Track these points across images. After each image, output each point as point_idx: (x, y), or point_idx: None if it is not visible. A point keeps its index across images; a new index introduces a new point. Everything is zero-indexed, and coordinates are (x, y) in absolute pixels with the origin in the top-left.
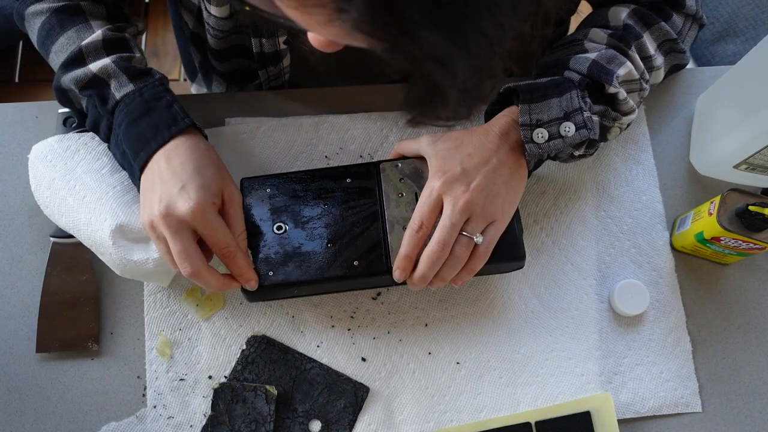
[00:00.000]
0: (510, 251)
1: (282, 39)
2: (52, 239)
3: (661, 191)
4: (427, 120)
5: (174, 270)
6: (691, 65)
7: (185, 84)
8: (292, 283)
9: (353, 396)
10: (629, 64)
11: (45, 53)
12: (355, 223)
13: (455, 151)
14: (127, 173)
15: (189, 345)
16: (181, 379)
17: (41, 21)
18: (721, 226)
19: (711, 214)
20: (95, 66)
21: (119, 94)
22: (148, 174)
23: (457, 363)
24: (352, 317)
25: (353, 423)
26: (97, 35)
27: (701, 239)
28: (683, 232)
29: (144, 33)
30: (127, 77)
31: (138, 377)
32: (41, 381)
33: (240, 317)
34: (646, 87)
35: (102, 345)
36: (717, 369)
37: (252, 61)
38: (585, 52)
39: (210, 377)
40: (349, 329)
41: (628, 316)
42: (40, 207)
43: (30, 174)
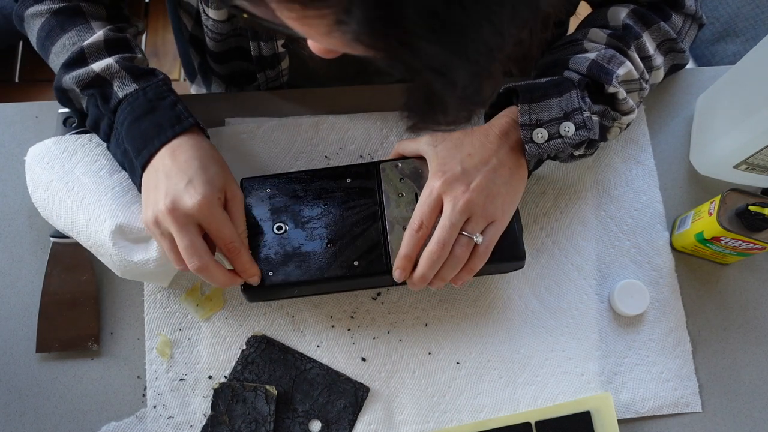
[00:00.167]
0: (510, 251)
1: (280, 42)
2: (52, 239)
3: (661, 191)
4: (428, 127)
5: (177, 267)
6: (691, 65)
7: (185, 84)
8: (292, 283)
9: (353, 396)
10: (629, 63)
11: (45, 54)
12: (355, 223)
13: (455, 151)
14: (128, 173)
15: (189, 345)
16: (181, 379)
17: (41, 22)
18: (721, 226)
19: (711, 214)
20: (98, 66)
21: (122, 93)
22: (151, 172)
23: (457, 363)
24: (352, 317)
25: (353, 423)
26: (99, 36)
27: (701, 239)
28: (683, 232)
29: (144, 33)
30: (131, 77)
31: (138, 377)
32: (41, 381)
33: (240, 317)
34: (645, 87)
35: (102, 345)
36: (717, 369)
37: (250, 64)
38: (584, 52)
39: (210, 377)
40: (349, 329)
41: (628, 316)
42: (37, 209)
43: (27, 176)
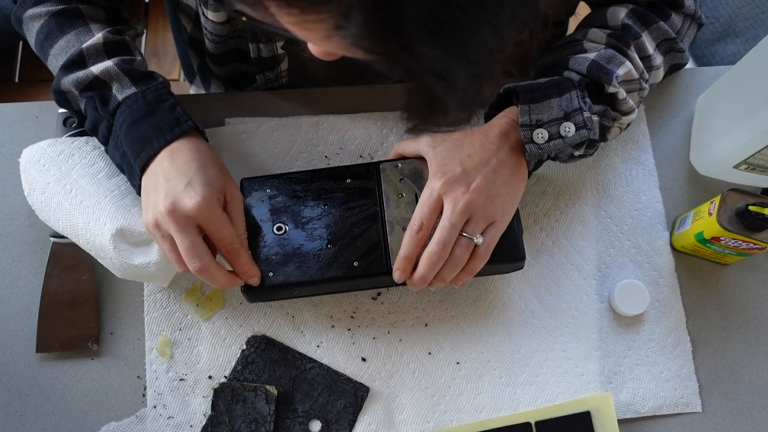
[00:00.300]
0: (510, 252)
1: (279, 44)
2: (52, 239)
3: (661, 191)
4: (428, 128)
5: (179, 269)
6: (691, 65)
7: (184, 84)
8: (292, 284)
9: (353, 396)
10: (628, 63)
11: (44, 56)
12: (355, 224)
13: (455, 152)
14: (126, 176)
15: (189, 345)
16: (181, 379)
17: (40, 24)
18: (721, 226)
19: (711, 214)
20: (97, 68)
21: (121, 95)
22: (150, 175)
23: (457, 363)
24: (352, 317)
25: (353, 423)
26: (98, 38)
27: (701, 239)
28: (683, 232)
29: (143, 35)
30: (130, 80)
31: (138, 377)
32: (41, 381)
33: (240, 317)
34: (645, 87)
35: (102, 345)
36: (717, 369)
37: (250, 66)
38: (584, 52)
39: (210, 377)
40: (349, 329)
41: (628, 316)
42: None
43: (22, 178)
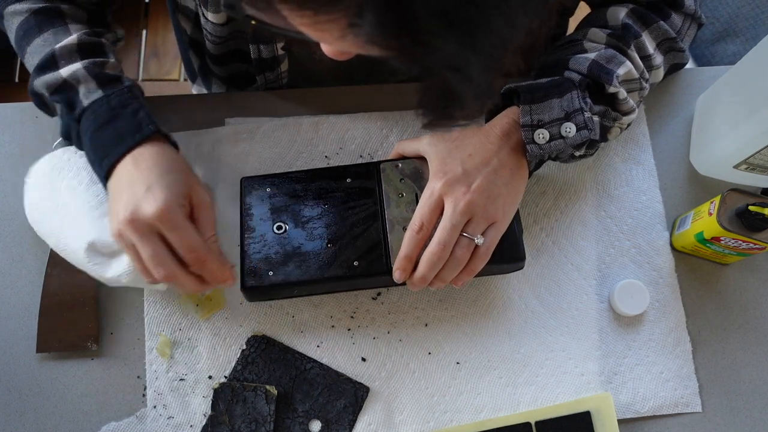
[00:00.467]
0: (510, 252)
1: (280, 45)
2: None
3: (661, 191)
4: (443, 124)
5: (145, 279)
6: (691, 65)
7: (186, 84)
8: (292, 283)
9: (353, 396)
10: (629, 63)
11: (21, 54)
12: (355, 224)
13: (456, 152)
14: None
15: (189, 345)
16: (181, 379)
17: (19, 21)
18: (721, 226)
19: (711, 214)
20: (66, 71)
21: (87, 101)
22: (115, 182)
23: (457, 363)
24: (352, 317)
25: (353, 423)
26: (73, 38)
27: (701, 239)
28: (683, 232)
29: (123, 41)
30: (97, 83)
31: (138, 377)
32: (41, 381)
33: (240, 317)
34: (645, 86)
35: (102, 345)
36: (717, 369)
37: (250, 66)
38: (584, 52)
39: (210, 377)
40: (349, 329)
41: (628, 316)
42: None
43: (25, 198)
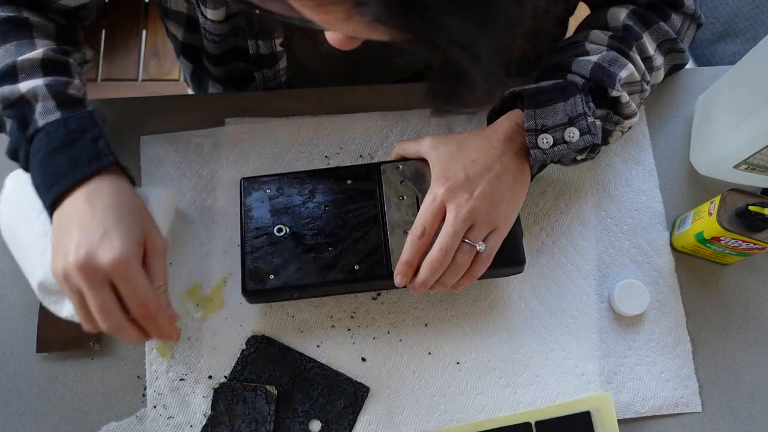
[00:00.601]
0: (510, 257)
1: (278, 41)
2: None
3: (661, 191)
4: (453, 108)
5: (85, 326)
6: (691, 65)
7: (184, 85)
8: (293, 287)
9: (353, 396)
10: (630, 66)
11: None
12: (356, 227)
13: (458, 156)
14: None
15: (189, 345)
16: (181, 379)
17: None
18: (721, 226)
19: (711, 214)
20: (25, 85)
21: (43, 120)
22: (63, 215)
23: (457, 363)
24: (352, 317)
25: (353, 423)
26: (37, 53)
27: (701, 239)
28: (683, 232)
29: (91, 63)
30: (56, 103)
31: (138, 377)
32: (41, 381)
33: (240, 317)
34: (647, 88)
35: (102, 345)
36: (717, 369)
37: (248, 64)
38: (586, 54)
39: (210, 377)
40: (349, 329)
41: (628, 316)
42: None
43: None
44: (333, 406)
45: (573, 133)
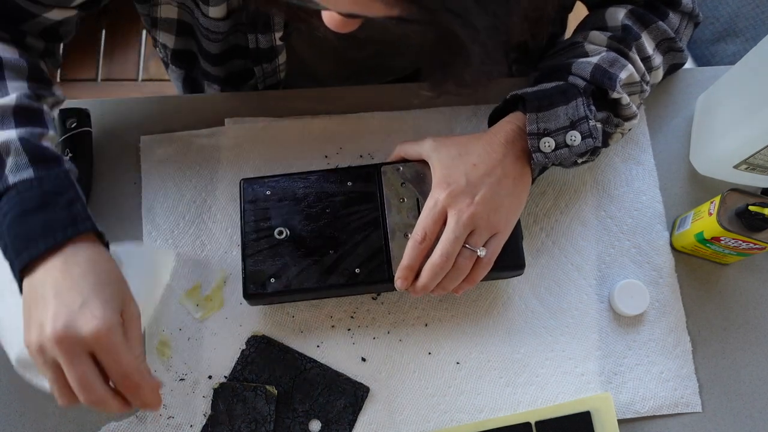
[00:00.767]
0: (510, 260)
1: (278, 35)
2: None
3: (661, 191)
4: (450, 85)
5: (60, 402)
6: (691, 65)
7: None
8: (293, 291)
9: (353, 396)
10: (630, 66)
11: None
12: (357, 229)
13: (459, 160)
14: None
15: (189, 345)
16: (181, 379)
17: None
18: (721, 226)
19: (711, 214)
20: None
21: (13, 178)
22: (35, 282)
23: (457, 363)
24: (352, 317)
25: (353, 423)
26: (9, 99)
27: (701, 239)
28: (683, 232)
29: (62, 104)
30: (29, 159)
31: None
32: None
33: (240, 317)
34: (646, 89)
35: None
36: (717, 369)
37: (247, 61)
38: (586, 55)
39: (210, 377)
40: (349, 329)
41: (628, 316)
42: None
43: None
44: (333, 406)
45: (575, 137)
